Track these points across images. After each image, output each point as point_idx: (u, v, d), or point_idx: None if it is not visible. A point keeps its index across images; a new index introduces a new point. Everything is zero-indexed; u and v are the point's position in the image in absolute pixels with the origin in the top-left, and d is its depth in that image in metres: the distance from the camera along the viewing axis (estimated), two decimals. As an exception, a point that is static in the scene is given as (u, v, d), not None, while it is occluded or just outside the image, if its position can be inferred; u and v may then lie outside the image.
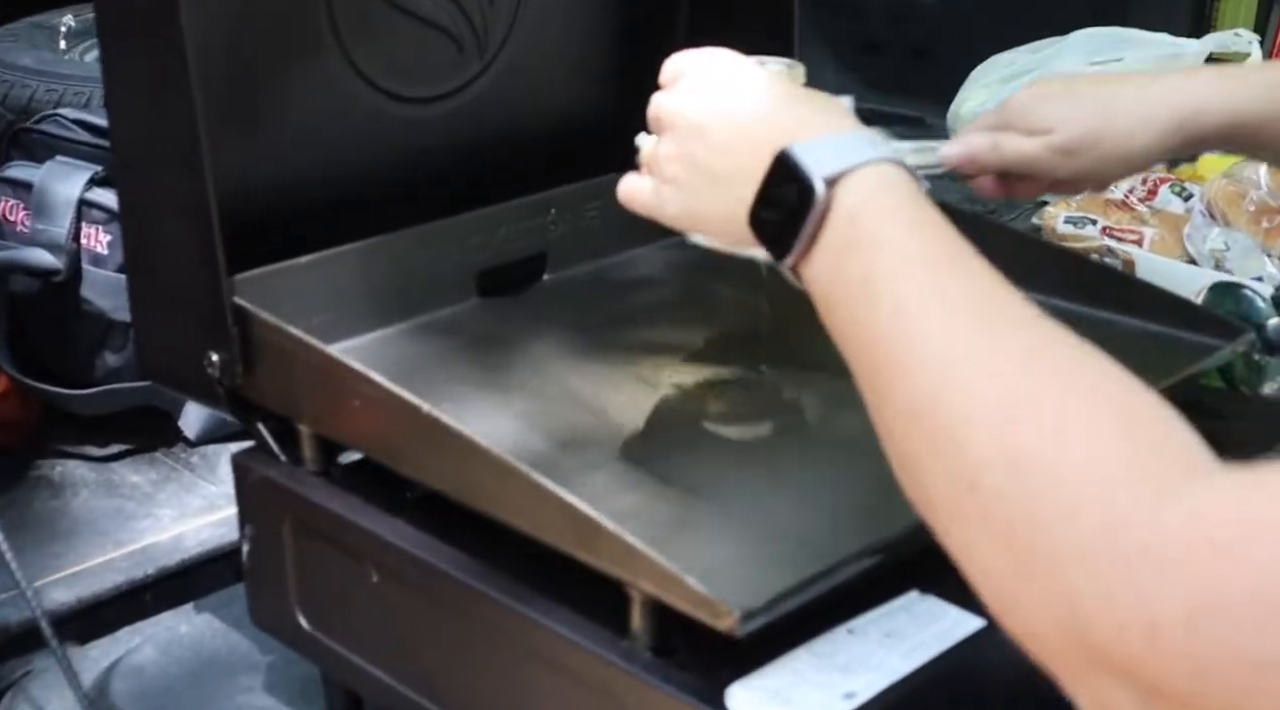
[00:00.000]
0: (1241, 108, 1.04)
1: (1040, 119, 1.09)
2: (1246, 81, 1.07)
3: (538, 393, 1.14)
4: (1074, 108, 1.08)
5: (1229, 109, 1.04)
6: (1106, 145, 1.07)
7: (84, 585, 1.40)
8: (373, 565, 1.06)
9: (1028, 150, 1.09)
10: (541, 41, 1.36)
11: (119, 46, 1.11)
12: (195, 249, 1.09)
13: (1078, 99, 1.08)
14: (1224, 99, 1.04)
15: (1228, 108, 1.04)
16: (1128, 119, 1.07)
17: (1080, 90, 1.09)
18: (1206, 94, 1.05)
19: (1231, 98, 1.04)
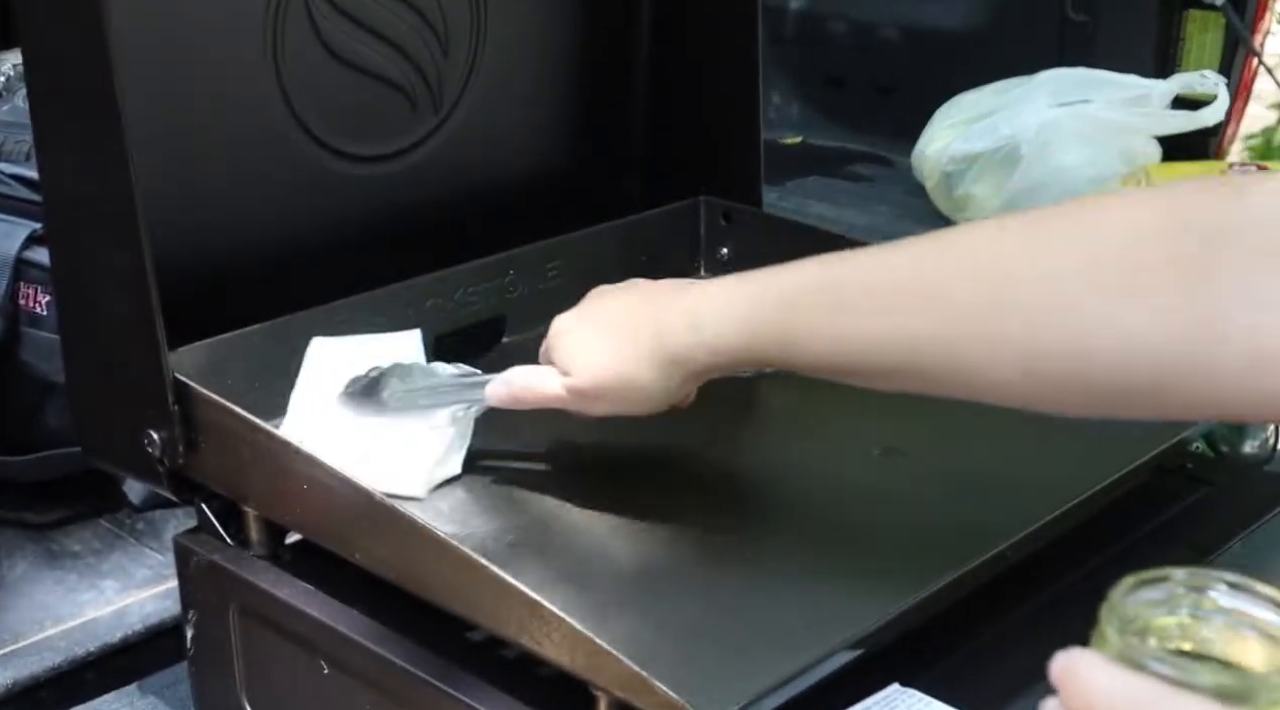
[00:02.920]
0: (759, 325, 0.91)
1: (563, 360, 1.00)
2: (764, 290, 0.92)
3: (496, 469, 1.09)
4: (579, 346, 0.99)
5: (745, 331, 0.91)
6: (620, 394, 0.98)
7: (19, 665, 1.33)
8: (324, 657, 1.01)
9: (556, 395, 1.00)
10: (498, 97, 1.32)
11: (51, 111, 1.06)
12: (133, 321, 1.04)
13: (585, 341, 0.99)
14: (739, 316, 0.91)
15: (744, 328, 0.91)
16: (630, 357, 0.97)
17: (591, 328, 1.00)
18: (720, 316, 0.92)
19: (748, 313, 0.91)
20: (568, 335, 1.00)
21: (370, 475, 0.97)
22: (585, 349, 0.98)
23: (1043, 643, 0.96)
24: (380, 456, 1.03)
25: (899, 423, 1.20)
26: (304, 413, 1.07)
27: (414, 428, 1.04)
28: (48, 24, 1.03)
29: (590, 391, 0.98)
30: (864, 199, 2.49)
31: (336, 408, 1.07)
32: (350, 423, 1.06)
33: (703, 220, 1.44)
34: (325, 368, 1.09)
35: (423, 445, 1.04)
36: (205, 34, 1.13)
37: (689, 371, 0.96)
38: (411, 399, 1.06)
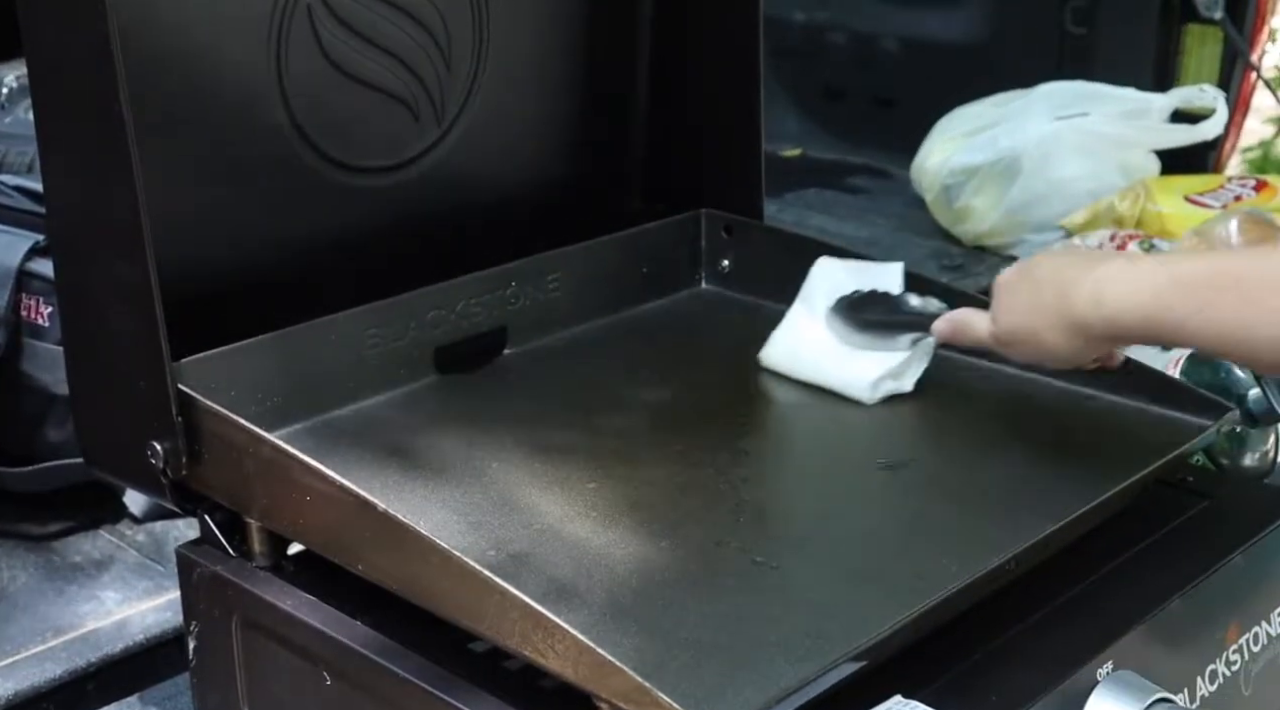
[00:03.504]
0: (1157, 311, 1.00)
1: (995, 306, 1.11)
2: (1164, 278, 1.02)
3: (500, 481, 1.09)
4: (1012, 301, 1.09)
5: (1143, 314, 1.01)
6: (1032, 346, 1.08)
7: (20, 676, 1.33)
8: (326, 667, 1.00)
9: (982, 337, 1.12)
10: (500, 110, 1.32)
11: (57, 125, 1.06)
12: (137, 333, 1.04)
13: (1015, 294, 1.09)
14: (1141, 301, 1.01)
15: (1141, 312, 1.01)
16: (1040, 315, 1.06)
17: (1023, 283, 1.09)
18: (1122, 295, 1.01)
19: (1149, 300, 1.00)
20: (1005, 287, 1.09)
21: (830, 374, 1.22)
22: (1010, 301, 1.08)
23: (1045, 656, 0.97)
24: (845, 361, 1.22)
25: (902, 436, 1.20)
26: (799, 318, 1.27)
27: (877, 345, 1.22)
28: (53, 38, 1.03)
29: (1006, 339, 1.09)
30: (863, 211, 2.50)
31: (826, 318, 1.25)
32: (832, 332, 1.24)
33: (704, 232, 1.44)
34: (824, 282, 1.27)
35: (878, 360, 1.20)
36: (209, 47, 1.13)
37: (1090, 336, 1.04)
38: (881, 321, 1.22)
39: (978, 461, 1.15)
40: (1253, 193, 2.13)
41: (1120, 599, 1.04)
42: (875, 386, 1.20)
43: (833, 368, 1.22)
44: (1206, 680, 1.06)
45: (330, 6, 1.18)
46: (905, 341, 1.20)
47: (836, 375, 1.22)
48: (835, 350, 1.24)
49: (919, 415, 1.21)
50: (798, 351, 1.26)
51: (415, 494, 1.07)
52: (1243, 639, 1.10)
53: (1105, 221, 2.15)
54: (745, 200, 1.42)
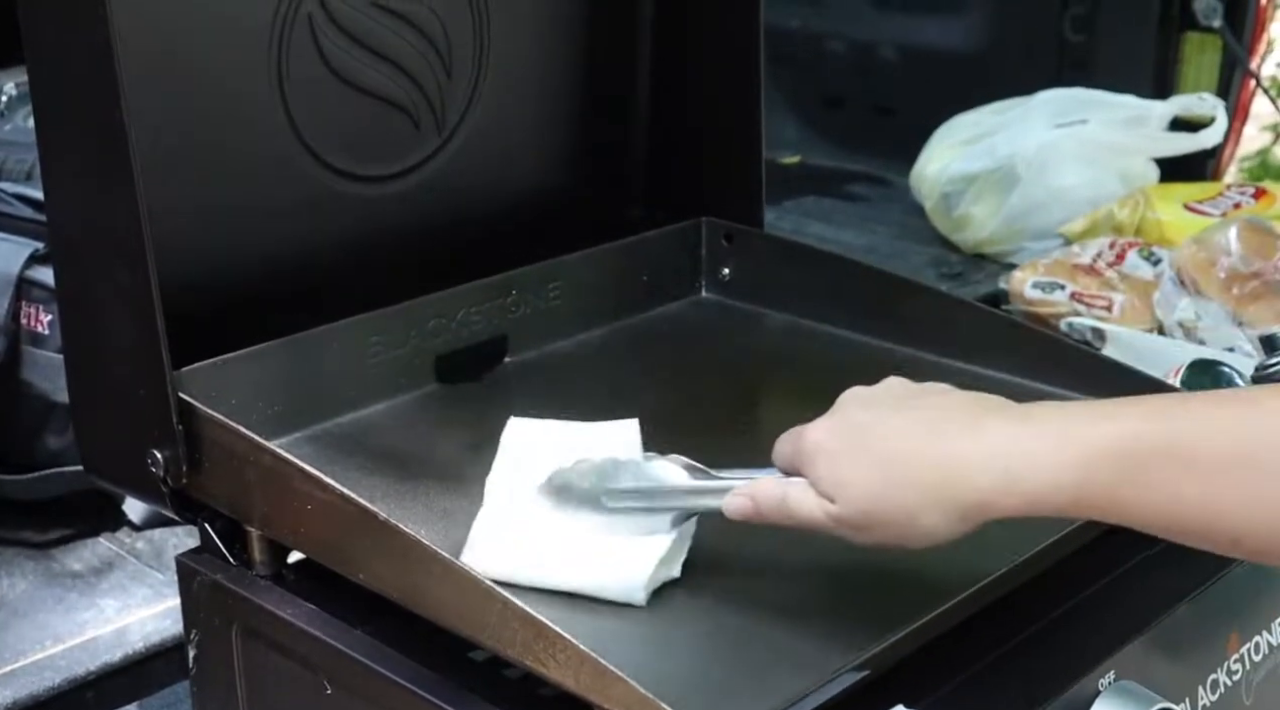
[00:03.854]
0: (1092, 490, 0.82)
1: (821, 479, 0.88)
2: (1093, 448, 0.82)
3: (500, 490, 1.09)
4: (854, 473, 0.87)
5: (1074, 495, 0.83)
6: (897, 529, 0.87)
7: (19, 684, 1.33)
8: (327, 677, 1.00)
9: (819, 517, 0.89)
10: (501, 117, 1.32)
11: (57, 131, 1.06)
12: (138, 341, 1.04)
13: (856, 467, 0.88)
14: (1070, 479, 0.82)
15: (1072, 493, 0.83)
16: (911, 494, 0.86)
17: (861, 451, 0.88)
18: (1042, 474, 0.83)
19: (1079, 477, 0.82)
20: (829, 458, 0.88)
21: (582, 577, 0.94)
22: (854, 478, 0.87)
23: (1046, 666, 0.97)
24: (594, 558, 0.94)
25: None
26: (501, 503, 0.99)
27: (631, 530, 0.95)
28: (54, 46, 1.03)
29: (860, 525, 0.88)
30: (862, 219, 2.50)
31: (540, 501, 0.97)
32: (557, 520, 0.96)
33: (704, 241, 1.44)
34: (524, 453, 1.01)
35: (644, 548, 0.94)
36: (210, 54, 1.13)
37: (986, 518, 0.86)
38: (629, 500, 0.96)
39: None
40: (1252, 200, 2.14)
41: (1121, 608, 1.04)
42: (650, 585, 0.94)
43: (586, 568, 0.94)
44: (1208, 690, 1.06)
45: (331, 14, 1.19)
46: (665, 523, 0.95)
47: (590, 579, 0.94)
48: (577, 543, 0.96)
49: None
50: (525, 551, 0.95)
51: (416, 503, 1.06)
52: (1244, 648, 1.09)
53: (1104, 229, 2.15)
54: (746, 208, 1.42)
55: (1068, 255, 2.05)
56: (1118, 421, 0.83)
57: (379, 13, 1.22)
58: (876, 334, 1.32)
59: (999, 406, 0.89)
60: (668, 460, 0.96)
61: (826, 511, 0.88)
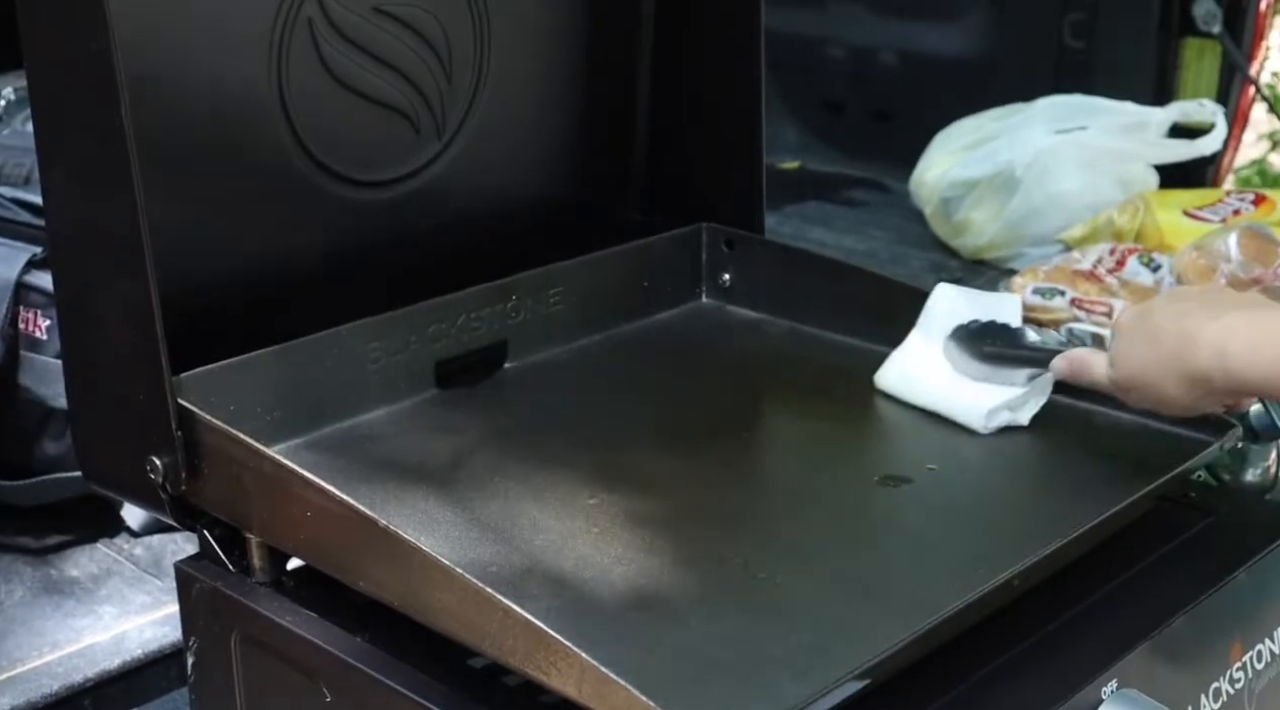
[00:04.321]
0: (1243, 373, 1.01)
1: (1113, 349, 1.10)
2: None
3: (501, 496, 1.09)
4: (1130, 348, 1.08)
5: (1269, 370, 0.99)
6: (1151, 394, 1.07)
7: (16, 691, 1.32)
8: (326, 684, 1.00)
9: (1100, 380, 1.12)
10: (501, 123, 1.32)
11: (57, 139, 1.05)
12: (136, 347, 1.03)
13: (1133, 341, 1.08)
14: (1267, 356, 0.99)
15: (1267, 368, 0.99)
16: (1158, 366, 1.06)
17: (1141, 329, 1.08)
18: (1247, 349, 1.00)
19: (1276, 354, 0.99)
20: (1124, 332, 1.09)
21: (945, 401, 1.20)
22: (1129, 350, 1.08)
23: (1049, 674, 0.97)
24: (961, 388, 1.20)
25: (904, 452, 1.20)
26: (916, 343, 1.26)
27: (995, 377, 1.20)
28: (54, 52, 1.03)
29: (1125, 384, 1.09)
30: (862, 224, 2.50)
31: (944, 345, 1.24)
32: (949, 360, 1.23)
33: (704, 246, 1.44)
34: (942, 310, 1.26)
35: (995, 391, 1.18)
36: (210, 60, 1.13)
37: (1211, 389, 1.03)
38: (1000, 354, 1.21)
39: (981, 478, 1.15)
40: (1252, 207, 2.13)
41: (1124, 616, 1.03)
42: (991, 415, 1.17)
43: (948, 394, 1.21)
44: (1210, 698, 1.06)
45: (331, 20, 1.18)
46: (1022, 376, 1.18)
47: (951, 402, 1.20)
48: (951, 377, 1.22)
49: (921, 432, 1.21)
50: (913, 375, 1.24)
51: (416, 509, 1.06)
52: (1246, 656, 1.09)
53: (1104, 235, 2.15)
54: (746, 214, 1.42)
55: (1068, 261, 2.04)
56: None
57: (380, 18, 1.21)
58: (876, 339, 1.32)
59: (1246, 301, 1.05)
60: (1032, 329, 1.24)
61: (1108, 375, 1.10)
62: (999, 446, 1.17)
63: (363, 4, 1.20)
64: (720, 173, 1.43)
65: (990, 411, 1.17)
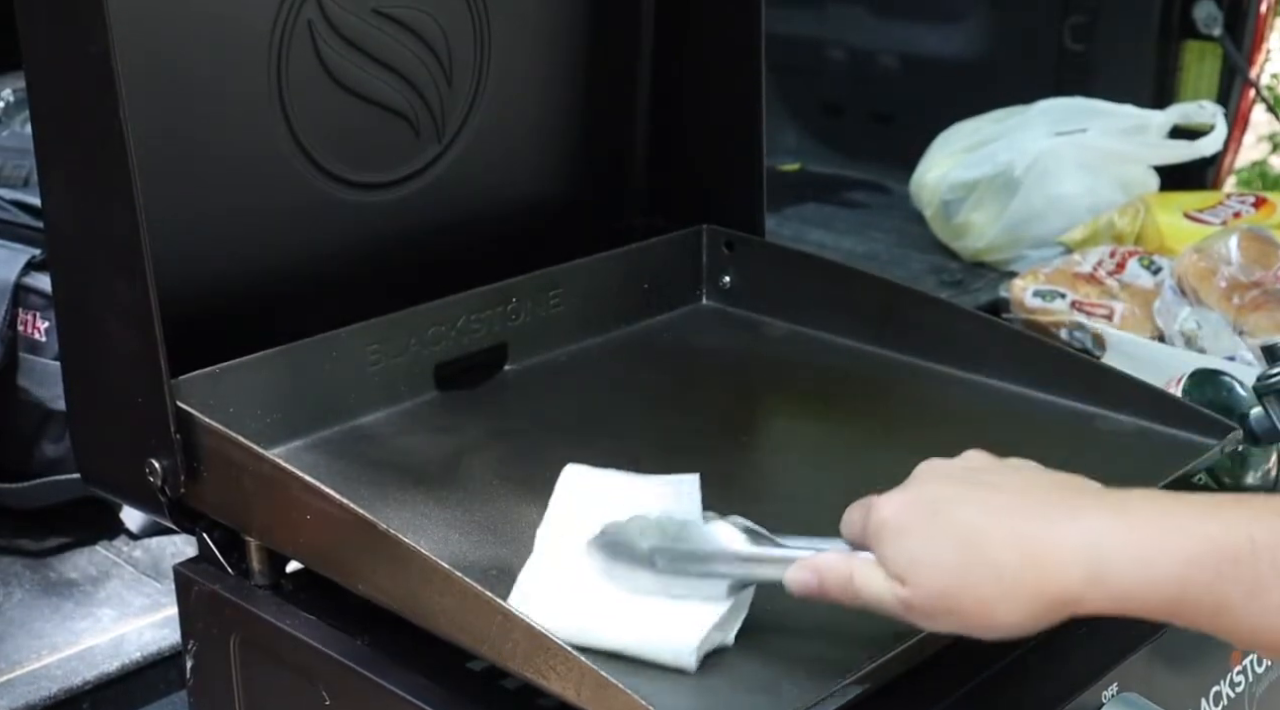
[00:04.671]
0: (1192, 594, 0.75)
1: (891, 559, 0.82)
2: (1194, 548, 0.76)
3: (501, 499, 1.09)
4: (926, 554, 0.81)
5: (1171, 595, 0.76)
6: (971, 618, 0.80)
7: (14, 694, 1.32)
8: (325, 687, 1.00)
9: (881, 600, 0.83)
10: (501, 125, 1.32)
11: (56, 141, 1.05)
12: (136, 349, 1.03)
13: (929, 547, 0.81)
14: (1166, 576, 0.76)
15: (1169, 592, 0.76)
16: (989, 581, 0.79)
17: (941, 531, 0.81)
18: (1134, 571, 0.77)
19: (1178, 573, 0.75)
20: (900, 535, 0.82)
21: (631, 638, 0.89)
22: (927, 559, 0.81)
23: (1050, 678, 0.97)
24: (644, 619, 0.90)
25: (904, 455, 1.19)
26: (551, 553, 0.95)
27: (684, 593, 0.90)
28: (53, 54, 1.02)
29: (931, 611, 0.81)
30: (862, 226, 2.50)
31: (591, 554, 0.93)
32: (608, 576, 0.92)
33: (705, 248, 1.44)
34: (578, 502, 0.98)
35: (697, 613, 0.89)
36: (209, 61, 1.13)
37: (1070, 613, 0.80)
38: (683, 564, 0.90)
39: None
40: (1252, 209, 2.13)
41: (1124, 621, 1.02)
42: (700, 648, 0.88)
43: (636, 629, 0.89)
44: (1211, 702, 1.06)
45: (331, 21, 1.18)
46: (722, 590, 0.90)
47: (645, 640, 0.89)
48: (627, 603, 0.91)
49: (921, 435, 1.21)
50: (573, 607, 0.91)
51: (415, 512, 1.06)
52: (1247, 660, 1.09)
53: (1104, 237, 2.15)
54: (747, 216, 1.42)
55: (1068, 263, 2.04)
56: (1224, 521, 0.76)
57: (379, 19, 1.21)
58: (877, 342, 1.32)
59: (1093, 492, 0.83)
60: (728, 523, 0.91)
61: (896, 594, 0.82)
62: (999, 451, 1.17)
63: (362, 6, 1.20)
64: (721, 174, 1.43)
65: (700, 647, 0.88)
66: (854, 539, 0.86)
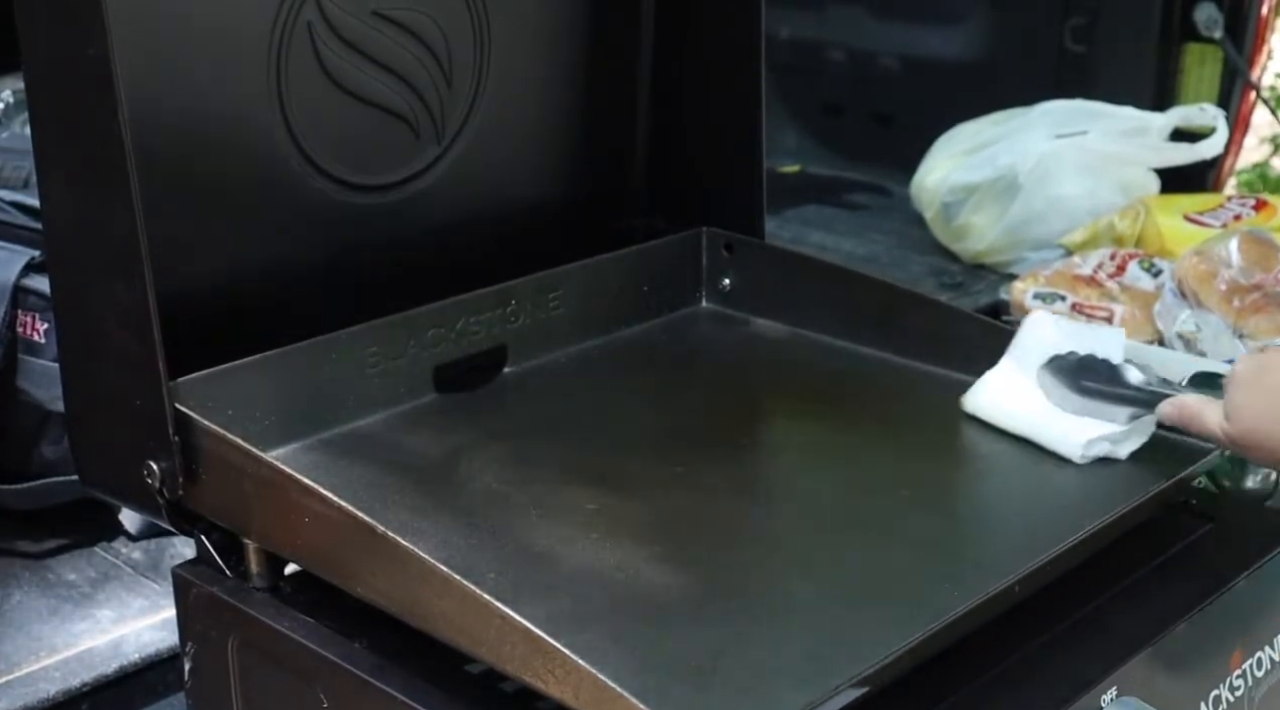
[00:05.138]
0: None
1: (1227, 402, 1.06)
2: None
3: (500, 502, 1.08)
4: (1248, 402, 1.04)
5: None
6: (1270, 452, 1.04)
7: (12, 696, 1.32)
8: (323, 689, 1.00)
9: (1213, 432, 1.07)
10: (501, 127, 1.32)
11: (55, 143, 1.05)
12: (134, 352, 1.03)
13: (1252, 395, 1.04)
14: None
15: None
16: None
17: (1260, 383, 1.04)
18: None
19: None
20: (1244, 386, 1.05)
21: (1041, 428, 1.15)
22: (1252, 405, 1.04)
23: (1049, 681, 0.97)
24: (1056, 419, 1.16)
25: (904, 458, 1.19)
26: (1008, 371, 1.21)
27: (1093, 412, 1.15)
28: (53, 57, 1.02)
29: (1241, 440, 1.05)
30: (862, 228, 2.49)
31: (1040, 375, 1.19)
32: (1044, 391, 1.18)
33: (704, 251, 1.44)
34: (1036, 339, 1.21)
35: (1094, 424, 1.14)
36: (209, 63, 1.12)
37: None
38: (1101, 391, 1.16)
39: (981, 485, 1.15)
40: (1252, 212, 2.13)
41: (1124, 623, 1.03)
42: (1090, 445, 1.13)
43: (1043, 422, 1.16)
44: (1210, 705, 1.05)
45: (331, 24, 1.18)
46: (1123, 415, 1.14)
47: (1047, 430, 1.16)
48: (1045, 407, 1.18)
49: (921, 438, 1.21)
50: (1005, 402, 1.19)
51: (414, 515, 1.06)
52: (1246, 664, 1.09)
53: (1105, 240, 2.15)
54: (746, 218, 1.42)
55: (1068, 266, 2.04)
56: None
57: (379, 22, 1.21)
58: (876, 344, 1.32)
59: None
60: (1137, 367, 1.16)
61: (1222, 428, 1.05)
62: (998, 453, 1.17)
63: (362, 8, 1.20)
64: (720, 176, 1.43)
65: (1090, 441, 1.13)
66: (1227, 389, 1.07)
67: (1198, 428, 1.08)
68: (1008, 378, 1.21)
